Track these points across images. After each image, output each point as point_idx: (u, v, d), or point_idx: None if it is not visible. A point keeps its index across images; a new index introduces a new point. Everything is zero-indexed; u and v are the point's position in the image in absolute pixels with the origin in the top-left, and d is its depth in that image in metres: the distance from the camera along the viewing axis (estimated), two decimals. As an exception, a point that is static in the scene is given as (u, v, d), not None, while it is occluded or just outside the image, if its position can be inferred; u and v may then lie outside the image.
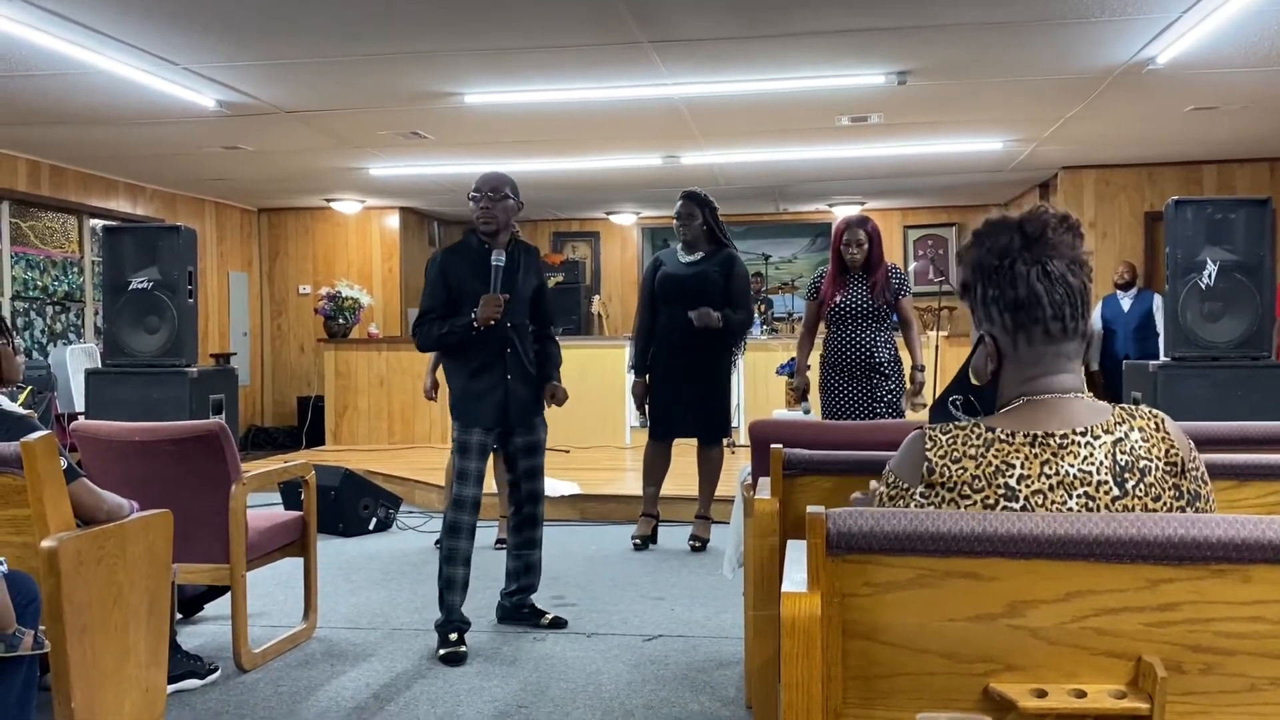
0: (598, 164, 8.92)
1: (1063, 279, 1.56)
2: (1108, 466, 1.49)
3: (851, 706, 1.43)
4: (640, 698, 3.34)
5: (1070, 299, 1.56)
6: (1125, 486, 1.49)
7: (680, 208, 5.38)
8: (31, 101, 6.43)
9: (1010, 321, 1.58)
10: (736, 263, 5.40)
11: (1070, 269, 1.57)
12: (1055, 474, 1.49)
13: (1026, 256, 1.57)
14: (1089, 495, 1.48)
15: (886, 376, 4.97)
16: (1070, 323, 1.57)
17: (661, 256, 5.56)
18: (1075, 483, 1.49)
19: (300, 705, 3.32)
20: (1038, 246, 1.57)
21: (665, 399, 5.42)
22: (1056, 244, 1.57)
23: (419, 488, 7.19)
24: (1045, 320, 1.56)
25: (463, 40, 5.33)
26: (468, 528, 3.84)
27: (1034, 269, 1.56)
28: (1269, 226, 5.70)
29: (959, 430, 1.56)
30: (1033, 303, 1.56)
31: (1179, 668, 1.38)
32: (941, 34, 5.30)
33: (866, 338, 4.97)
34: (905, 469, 1.58)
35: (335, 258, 11.50)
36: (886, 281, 4.99)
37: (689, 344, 5.31)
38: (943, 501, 1.52)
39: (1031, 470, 1.50)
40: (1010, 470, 1.50)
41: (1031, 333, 1.57)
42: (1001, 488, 1.50)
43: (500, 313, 3.77)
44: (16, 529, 2.63)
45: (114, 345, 6.54)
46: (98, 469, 3.60)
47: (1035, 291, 1.55)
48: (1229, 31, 5.24)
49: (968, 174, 9.68)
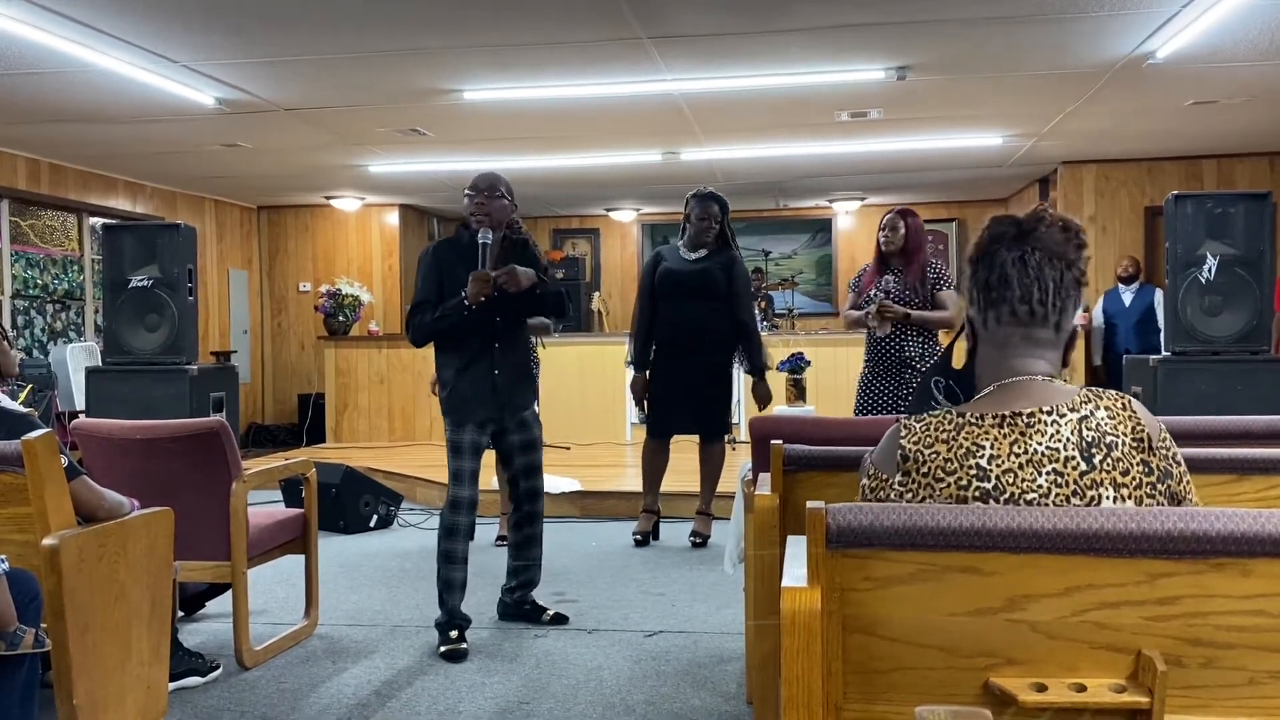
0: (597, 160, 8.91)
1: (1038, 268, 1.61)
2: (1074, 443, 1.52)
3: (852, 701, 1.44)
4: (641, 693, 3.34)
5: (1041, 286, 1.61)
6: (1093, 461, 1.51)
7: (699, 208, 5.29)
8: (31, 99, 6.43)
9: (982, 300, 1.65)
10: (738, 264, 5.39)
11: (1051, 262, 1.61)
12: (1024, 452, 1.53)
13: (1011, 244, 1.63)
14: (1058, 472, 1.51)
15: (918, 372, 4.89)
16: (1039, 308, 1.61)
17: (662, 252, 5.53)
18: (1044, 460, 1.52)
19: (302, 702, 3.32)
20: (1025, 238, 1.63)
21: (666, 396, 5.41)
22: (1046, 239, 1.62)
23: (420, 485, 7.19)
24: (1012, 301, 1.61)
25: (462, 37, 5.32)
26: (465, 528, 3.84)
27: (1012, 254, 1.62)
28: (1269, 221, 5.69)
29: (932, 419, 1.61)
30: (1001, 283, 1.62)
31: (1179, 661, 1.38)
32: (941, 29, 5.30)
33: (896, 331, 4.91)
34: (883, 460, 1.64)
35: (335, 255, 11.50)
36: (922, 275, 4.88)
37: (689, 341, 5.31)
38: (919, 487, 1.56)
39: (1001, 450, 1.54)
40: (980, 451, 1.54)
41: (999, 311, 1.63)
42: (973, 468, 1.53)
43: (490, 288, 3.71)
44: (18, 527, 2.63)
45: (114, 343, 6.55)
46: (98, 467, 3.61)
47: (1006, 274, 1.62)
48: (1229, 26, 5.23)
49: (968, 169, 9.68)
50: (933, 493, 1.55)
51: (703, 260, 5.35)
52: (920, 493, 1.56)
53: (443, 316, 3.77)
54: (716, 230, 5.33)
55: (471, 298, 3.71)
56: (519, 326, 3.97)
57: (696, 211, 5.32)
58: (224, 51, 5.51)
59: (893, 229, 4.94)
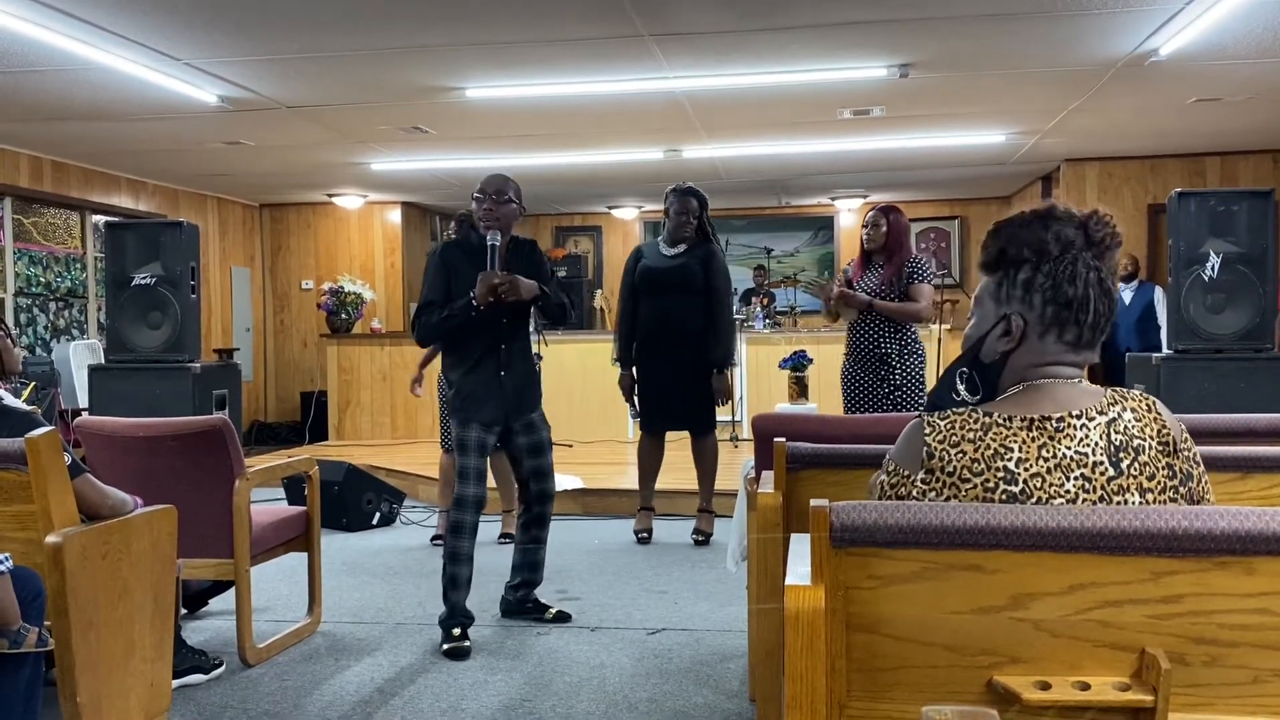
0: (599, 158, 8.91)
1: (1109, 292, 1.58)
2: (1103, 447, 1.51)
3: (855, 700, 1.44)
4: (644, 691, 3.34)
5: (1109, 311, 1.59)
6: (1120, 466, 1.50)
7: (677, 203, 5.33)
8: (33, 97, 6.43)
9: (1051, 314, 1.58)
10: (716, 257, 5.37)
11: (1112, 280, 1.60)
12: (1052, 456, 1.51)
13: (1087, 257, 1.57)
14: (1086, 477, 1.49)
15: (893, 369, 4.93)
16: (1100, 335, 1.59)
17: (642, 249, 5.57)
18: (1072, 464, 1.50)
19: (305, 700, 3.32)
20: (1098, 251, 1.58)
21: (652, 392, 5.43)
22: (1110, 256, 1.59)
23: (422, 482, 7.19)
24: (1084, 325, 1.57)
25: (464, 34, 5.32)
26: (470, 526, 3.83)
27: (1092, 272, 1.57)
28: (1272, 218, 5.68)
29: (957, 416, 1.57)
30: (1082, 305, 1.56)
31: (1183, 660, 1.38)
32: (944, 26, 5.29)
33: (873, 327, 4.95)
34: (905, 457, 1.58)
35: (337, 253, 11.50)
36: (899, 271, 4.90)
37: (669, 337, 5.32)
38: (943, 486, 1.53)
39: (1029, 453, 1.51)
40: (1009, 453, 1.51)
41: (1066, 331, 1.58)
42: (1000, 470, 1.51)
43: (496, 293, 3.71)
44: (21, 525, 2.63)
45: (117, 341, 6.55)
46: (101, 465, 3.61)
47: (1088, 295, 1.56)
48: (1232, 23, 5.23)
49: (970, 167, 9.67)
50: (958, 493, 1.51)
51: (681, 255, 5.36)
52: (945, 492, 1.52)
53: (450, 316, 3.78)
54: (695, 225, 5.34)
55: (480, 298, 3.72)
56: (525, 329, 3.99)
57: (675, 206, 5.35)
58: (227, 49, 5.51)
59: (874, 226, 4.98)
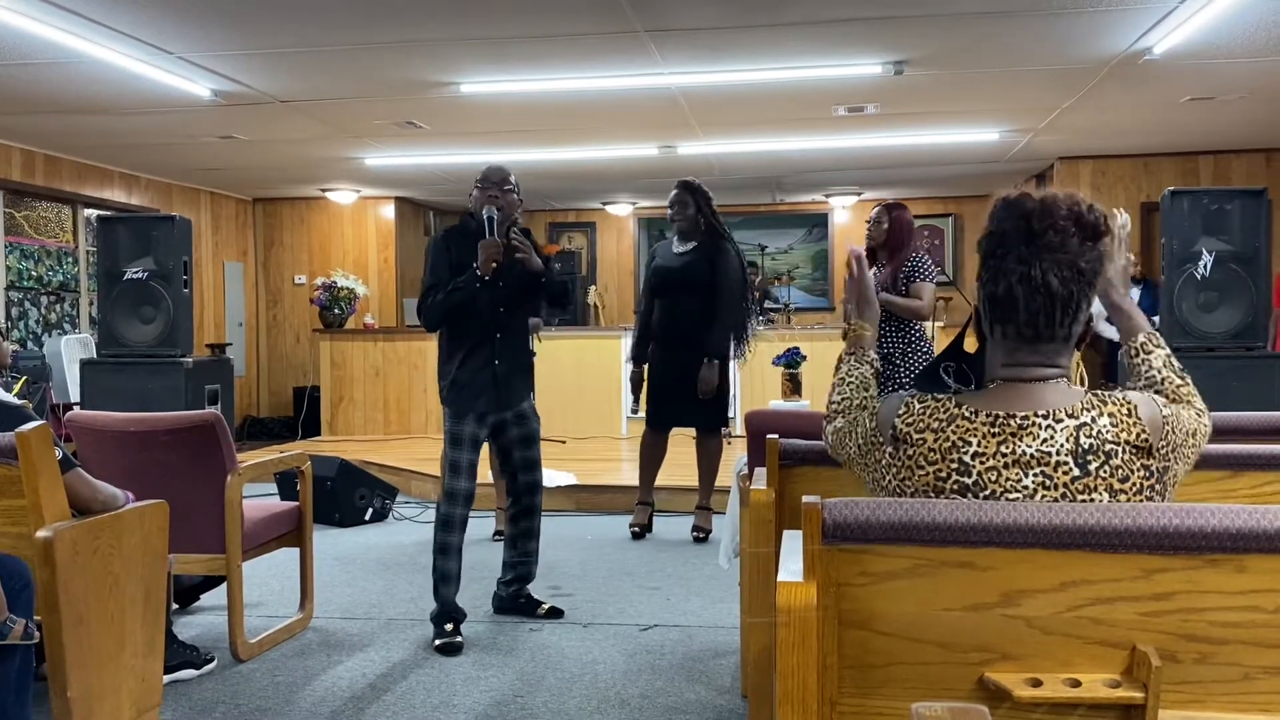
0: (594, 154, 8.90)
1: (1044, 286, 1.54)
2: (1068, 449, 1.52)
3: (847, 696, 1.44)
4: (636, 687, 3.35)
5: (1049, 307, 1.55)
6: (1088, 468, 1.51)
7: (673, 195, 5.38)
8: (25, 90, 6.40)
9: (988, 311, 1.63)
10: (725, 254, 5.35)
11: (1060, 275, 1.54)
12: (1011, 452, 1.53)
13: (1021, 252, 1.56)
14: (1046, 475, 1.51)
15: (896, 368, 4.88)
16: (1045, 329, 1.56)
17: (658, 248, 5.63)
18: (1032, 462, 1.52)
19: (296, 695, 3.32)
20: (1035, 244, 1.55)
21: (662, 389, 5.44)
22: (1057, 245, 1.54)
23: (415, 478, 7.19)
24: (1019, 323, 1.58)
25: (458, 29, 5.31)
26: (460, 520, 3.83)
27: (1019, 270, 1.55)
28: (1265, 217, 5.69)
29: (934, 403, 1.62)
30: (1009, 304, 1.57)
31: (1173, 657, 1.38)
32: (938, 24, 5.29)
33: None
34: (884, 423, 1.67)
35: (331, 248, 11.47)
36: (898, 269, 4.87)
37: (681, 335, 5.33)
38: (902, 467, 1.60)
39: (988, 448, 1.54)
40: (966, 447, 1.54)
41: (1005, 329, 1.60)
42: (955, 462, 1.54)
43: (500, 255, 3.73)
44: (11, 520, 2.62)
45: (109, 335, 6.53)
46: (93, 459, 3.60)
47: (1013, 295, 1.56)
48: (1225, 22, 5.23)
49: (964, 164, 9.67)
50: (912, 476, 1.58)
51: (690, 253, 5.37)
52: (903, 473, 1.60)
53: (455, 289, 3.78)
54: (698, 219, 5.33)
55: (483, 266, 3.73)
56: (520, 318, 3.99)
57: (670, 198, 5.41)
58: (219, 43, 5.49)
59: (877, 223, 4.98)
